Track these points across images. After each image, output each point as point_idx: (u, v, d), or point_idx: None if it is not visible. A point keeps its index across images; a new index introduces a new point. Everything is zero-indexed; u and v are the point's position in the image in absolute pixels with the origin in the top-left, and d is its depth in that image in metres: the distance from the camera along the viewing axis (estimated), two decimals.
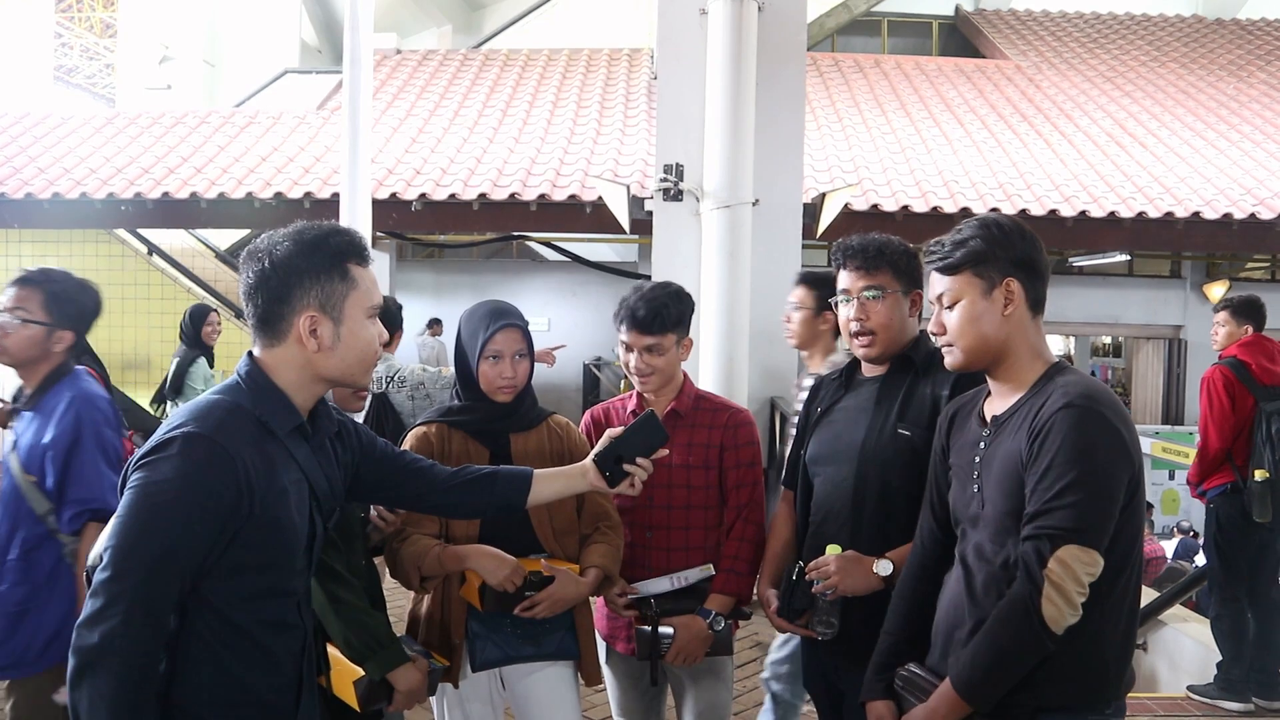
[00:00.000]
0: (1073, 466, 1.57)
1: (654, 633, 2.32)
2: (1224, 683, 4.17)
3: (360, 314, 1.60)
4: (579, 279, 12.59)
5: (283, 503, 1.52)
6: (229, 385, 1.58)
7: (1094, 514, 1.57)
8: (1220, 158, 10.99)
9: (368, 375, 1.66)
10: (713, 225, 5.31)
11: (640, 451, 1.89)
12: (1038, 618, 1.56)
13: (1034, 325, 1.76)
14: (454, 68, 13.48)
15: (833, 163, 10.37)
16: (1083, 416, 1.60)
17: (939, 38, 16.04)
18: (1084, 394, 1.62)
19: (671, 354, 2.45)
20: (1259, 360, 4.14)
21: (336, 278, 1.57)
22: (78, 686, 1.38)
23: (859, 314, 2.17)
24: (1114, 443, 1.60)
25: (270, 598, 1.56)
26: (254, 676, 1.54)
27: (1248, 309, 4.31)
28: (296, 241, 1.56)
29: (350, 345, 1.59)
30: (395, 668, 1.93)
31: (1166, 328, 12.56)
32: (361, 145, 6.56)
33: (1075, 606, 1.56)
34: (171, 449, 1.45)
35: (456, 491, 1.87)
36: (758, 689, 4.23)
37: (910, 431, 2.09)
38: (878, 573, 2.03)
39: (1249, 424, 4.10)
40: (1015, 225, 1.78)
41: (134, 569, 1.39)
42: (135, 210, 9.71)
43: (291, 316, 1.55)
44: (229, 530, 1.46)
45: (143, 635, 1.39)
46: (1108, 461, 1.59)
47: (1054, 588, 1.55)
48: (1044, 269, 1.78)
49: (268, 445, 1.53)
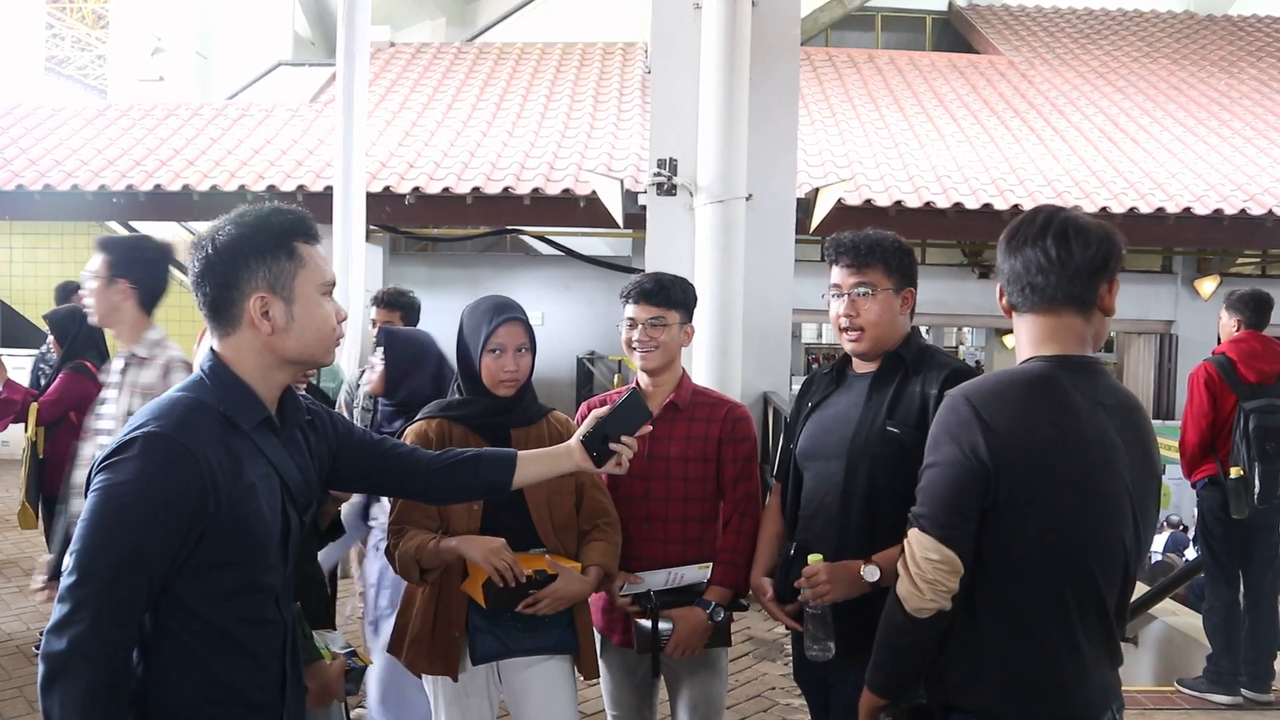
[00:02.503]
0: (927, 454, 1.67)
1: (654, 625, 2.34)
2: (1213, 676, 4.20)
3: (312, 291, 1.57)
4: (573, 273, 12.57)
5: (250, 498, 1.49)
6: (193, 381, 1.56)
7: (931, 505, 1.63)
8: (1211, 153, 11.04)
9: (329, 354, 1.64)
10: (706, 220, 5.32)
11: (626, 430, 1.90)
12: (894, 594, 1.67)
13: (1016, 320, 1.77)
14: (448, 61, 13.45)
15: (826, 158, 10.39)
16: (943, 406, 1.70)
17: (932, 33, 16.05)
18: (961, 387, 1.71)
19: (674, 332, 2.48)
20: (1245, 357, 4.15)
21: (283, 256, 1.54)
22: (49, 693, 1.36)
23: (848, 310, 2.18)
24: (957, 427, 1.64)
25: (245, 594, 1.53)
26: (235, 674, 1.53)
27: (1238, 303, 4.32)
28: (238, 224, 1.54)
29: (305, 324, 1.56)
30: (308, 663, 1.88)
31: (1157, 323, 12.59)
32: (356, 138, 6.55)
33: (923, 591, 1.61)
34: (132, 450, 1.42)
35: (440, 475, 1.84)
36: (751, 682, 4.26)
37: (899, 430, 2.10)
38: (865, 578, 2.03)
39: (1231, 420, 4.13)
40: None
41: (99, 572, 1.37)
42: (127, 203, 9.68)
43: (241, 301, 1.53)
44: (195, 529, 1.44)
45: (111, 639, 1.38)
46: (947, 451, 1.63)
47: (903, 566, 1.65)
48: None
49: (233, 440, 1.50)
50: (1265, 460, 4.00)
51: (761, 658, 4.56)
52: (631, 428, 1.90)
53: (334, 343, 1.63)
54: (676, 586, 2.39)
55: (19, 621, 4.94)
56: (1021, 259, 1.67)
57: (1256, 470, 3.99)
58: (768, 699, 4.09)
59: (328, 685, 1.91)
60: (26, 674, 4.23)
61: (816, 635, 2.06)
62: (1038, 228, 1.67)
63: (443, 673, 2.25)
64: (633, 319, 2.48)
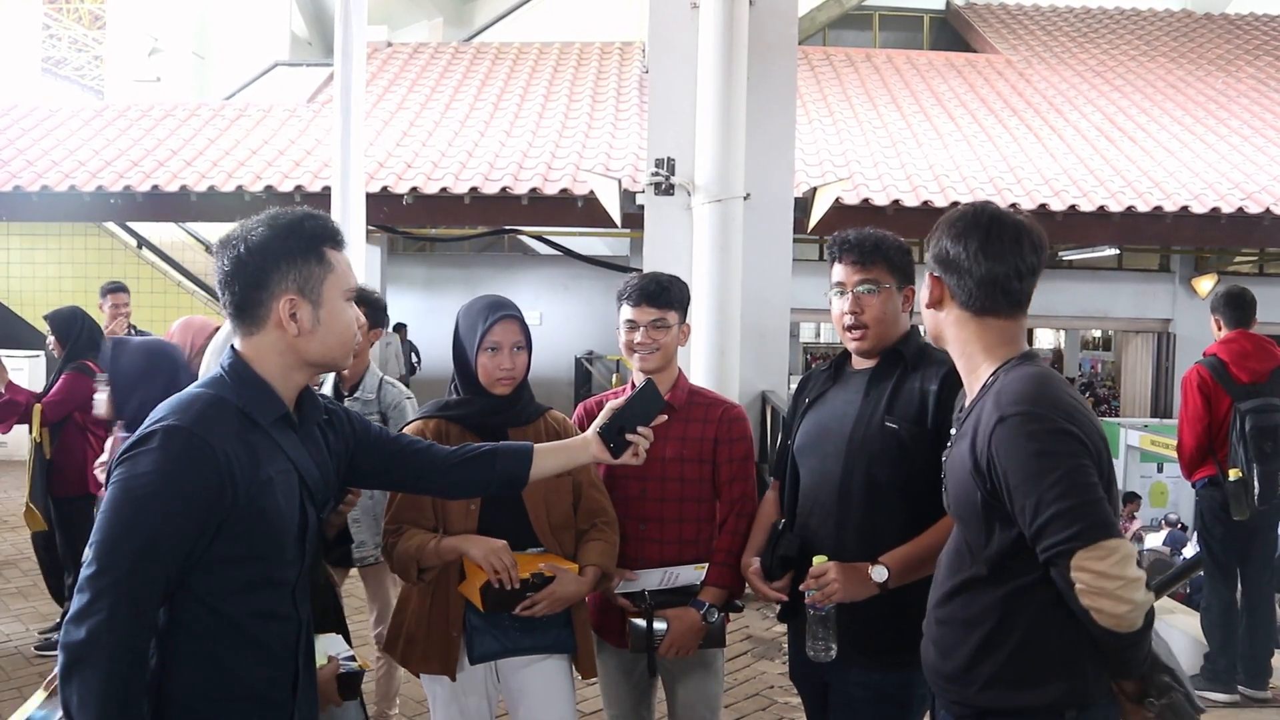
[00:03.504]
0: (1031, 483, 1.52)
1: (649, 625, 2.34)
2: (1210, 674, 4.20)
3: (338, 296, 1.60)
4: (571, 273, 12.59)
5: (268, 493, 1.52)
6: (213, 378, 1.58)
7: (1077, 513, 1.50)
8: (1209, 152, 11.05)
9: (349, 357, 1.67)
10: (704, 219, 5.32)
11: (641, 420, 1.90)
12: (1101, 631, 1.51)
13: (976, 323, 1.70)
14: (445, 61, 13.45)
15: (824, 157, 10.39)
16: (1017, 429, 1.55)
17: (930, 32, 16.07)
18: (1016, 400, 1.57)
19: (674, 333, 2.48)
20: (1236, 357, 4.13)
21: (313, 261, 1.57)
22: (68, 682, 1.38)
23: (853, 307, 2.17)
24: (1059, 439, 1.55)
25: (261, 589, 1.55)
26: (247, 668, 1.54)
27: (1217, 304, 4.28)
28: (271, 226, 1.57)
29: (330, 328, 1.60)
30: None
31: (1155, 321, 12.63)
32: (354, 139, 6.54)
33: (1125, 598, 1.48)
34: (151, 443, 1.45)
35: (458, 470, 1.85)
36: (748, 681, 4.26)
37: (897, 425, 2.09)
38: (874, 579, 2.01)
39: (1228, 421, 4.10)
40: (951, 219, 1.71)
41: (117, 563, 1.39)
42: (124, 203, 9.68)
43: (270, 302, 1.55)
44: (213, 522, 1.46)
45: (129, 629, 1.39)
46: (1065, 456, 1.54)
47: (1094, 594, 1.49)
48: (967, 267, 1.67)
49: (251, 436, 1.53)
50: (1263, 460, 3.98)
51: (760, 656, 4.56)
52: (648, 418, 1.91)
53: (353, 348, 1.67)
54: (671, 587, 2.39)
55: (18, 622, 4.93)
56: (1002, 266, 1.65)
57: (1255, 471, 3.97)
58: (766, 698, 4.09)
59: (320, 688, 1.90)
60: (25, 675, 4.23)
61: (819, 636, 2.05)
62: (1010, 231, 1.66)
63: (440, 672, 2.25)
64: (633, 321, 2.46)
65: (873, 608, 2.05)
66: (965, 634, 1.68)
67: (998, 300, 1.67)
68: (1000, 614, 1.64)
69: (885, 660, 2.11)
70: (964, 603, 1.69)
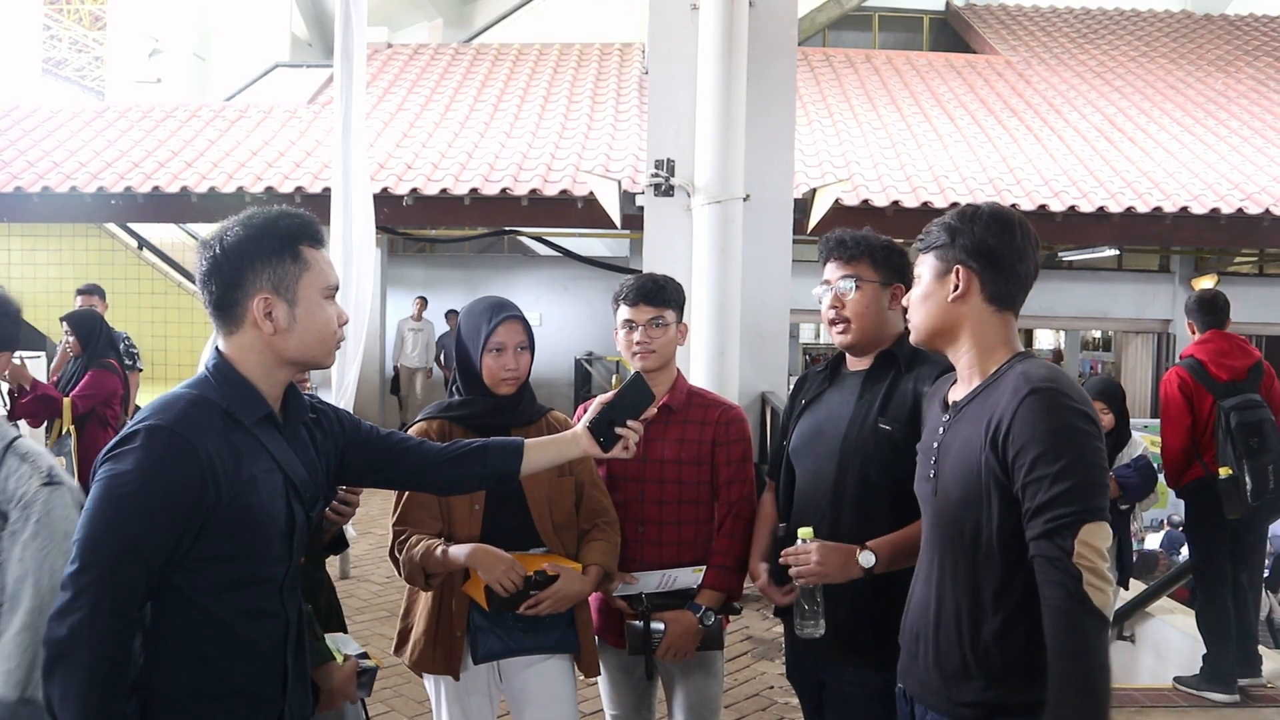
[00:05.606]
0: (1058, 451, 1.55)
1: (646, 627, 2.35)
2: (1210, 674, 4.20)
3: (315, 294, 1.61)
4: (570, 274, 12.58)
5: (251, 491, 1.53)
6: (197, 379, 1.60)
7: (1093, 489, 1.55)
8: (1208, 153, 11.05)
9: (330, 356, 1.67)
10: (704, 220, 5.33)
11: (630, 413, 1.89)
12: (1089, 607, 1.51)
13: (997, 318, 1.73)
14: (445, 62, 13.46)
15: (824, 158, 10.40)
16: (1048, 400, 1.58)
17: (929, 32, 16.08)
18: (1046, 378, 1.61)
19: (671, 332, 2.49)
20: (1214, 356, 4.14)
21: (288, 259, 1.59)
22: (50, 679, 1.40)
23: (834, 302, 2.20)
24: (1085, 419, 1.59)
25: (247, 586, 1.56)
26: (235, 666, 1.55)
27: (1193, 306, 4.34)
28: (246, 226, 1.58)
29: (307, 326, 1.60)
30: (318, 665, 1.91)
31: (1155, 321, 12.63)
32: (355, 140, 6.54)
33: (1109, 580, 1.54)
34: (134, 442, 1.47)
35: (449, 466, 1.86)
36: (748, 683, 4.27)
37: (891, 427, 2.10)
38: (861, 564, 2.01)
39: (1212, 420, 4.10)
40: (987, 215, 1.73)
41: (99, 561, 1.41)
42: (125, 204, 9.69)
43: (245, 300, 1.57)
44: (196, 520, 1.48)
45: (111, 627, 1.41)
46: (1086, 436, 1.58)
47: (1090, 572, 1.51)
48: (1009, 262, 1.71)
49: (234, 435, 1.54)
50: (1252, 456, 3.97)
51: (760, 657, 4.57)
52: (637, 410, 1.90)
53: (334, 345, 1.67)
54: (670, 589, 2.40)
55: None
56: (1024, 264, 1.72)
57: (1245, 467, 3.97)
58: (766, 698, 4.10)
59: (339, 687, 1.93)
60: None
61: (805, 610, 2.05)
62: (1031, 233, 1.73)
63: (444, 672, 2.26)
64: (631, 321, 2.47)
65: (867, 606, 2.06)
66: (970, 627, 1.68)
67: (1018, 297, 1.74)
68: (1009, 604, 1.64)
69: (879, 659, 2.11)
70: (964, 598, 1.70)
